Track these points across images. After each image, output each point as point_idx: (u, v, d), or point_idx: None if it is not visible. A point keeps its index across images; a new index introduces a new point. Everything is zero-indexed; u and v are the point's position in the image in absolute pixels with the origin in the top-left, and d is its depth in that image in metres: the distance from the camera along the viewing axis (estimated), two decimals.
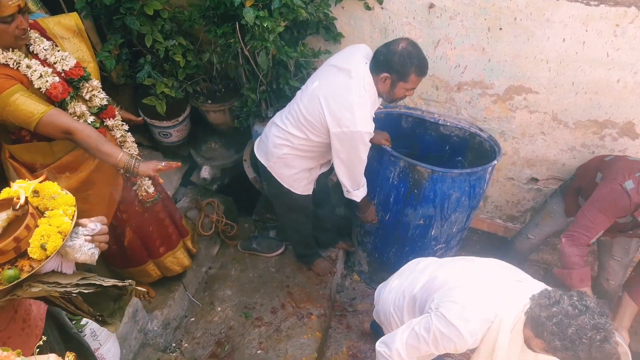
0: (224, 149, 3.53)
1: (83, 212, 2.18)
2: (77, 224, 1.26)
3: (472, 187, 2.68)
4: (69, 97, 2.01)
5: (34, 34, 1.98)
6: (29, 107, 1.85)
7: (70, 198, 1.27)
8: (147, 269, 2.69)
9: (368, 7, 2.68)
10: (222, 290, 3.09)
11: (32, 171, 2.13)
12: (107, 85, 2.26)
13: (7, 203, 1.24)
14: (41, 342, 1.34)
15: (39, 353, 1.10)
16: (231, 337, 2.84)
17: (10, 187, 1.28)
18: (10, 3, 1.75)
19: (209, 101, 3.20)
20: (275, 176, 2.58)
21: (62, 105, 2.00)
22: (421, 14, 2.64)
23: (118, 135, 2.28)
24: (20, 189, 1.24)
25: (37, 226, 1.18)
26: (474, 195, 2.72)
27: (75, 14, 2.20)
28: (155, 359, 2.63)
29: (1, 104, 1.83)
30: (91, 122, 2.11)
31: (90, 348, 1.96)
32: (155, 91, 2.90)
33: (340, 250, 3.36)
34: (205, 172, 3.42)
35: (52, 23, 2.11)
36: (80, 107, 2.06)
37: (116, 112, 2.27)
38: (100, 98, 2.16)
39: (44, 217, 1.21)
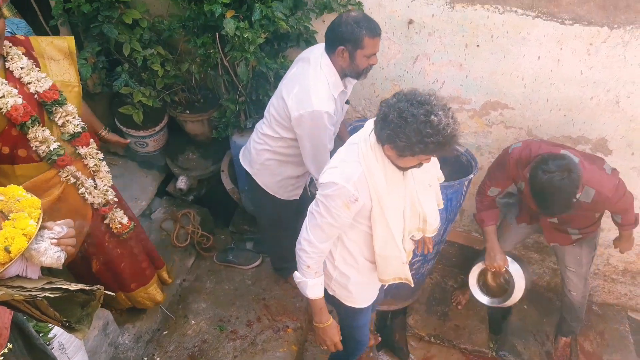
0: (201, 160, 3.50)
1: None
2: (42, 227, 1.23)
3: (449, 200, 2.70)
4: (30, 121, 1.90)
5: (15, 51, 1.91)
6: None
7: (36, 201, 1.24)
8: (119, 297, 2.60)
9: None
10: (197, 303, 3.04)
11: None
12: (83, 93, 2.20)
13: None
14: (6, 350, 1.29)
15: None
16: (205, 351, 2.78)
17: None
18: None
19: (187, 111, 3.18)
20: (260, 183, 2.57)
21: (22, 128, 1.90)
22: (400, 29, 2.68)
23: (91, 164, 2.17)
24: None
25: (1, 229, 1.15)
26: (451, 209, 2.75)
27: (71, 38, 2.13)
28: None
29: None
30: (54, 148, 2.00)
31: (55, 358, 1.89)
32: (132, 100, 2.86)
33: None
34: (182, 183, 3.38)
35: (45, 43, 2.05)
36: (42, 133, 1.94)
37: (90, 140, 2.16)
38: (75, 125, 2.06)
39: (8, 219, 1.18)
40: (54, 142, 2.00)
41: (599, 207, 2.38)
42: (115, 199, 2.31)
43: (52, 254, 1.20)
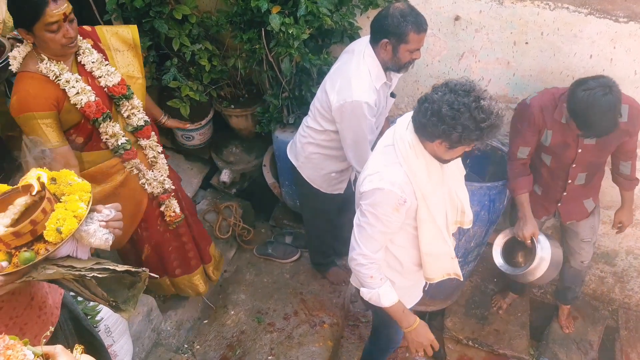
0: (244, 154, 3.56)
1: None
2: (92, 210, 1.29)
3: (491, 202, 2.64)
4: (102, 118, 2.03)
5: (85, 44, 2.01)
6: (44, 136, 1.92)
7: (87, 185, 1.30)
8: (162, 282, 2.70)
9: None
10: (236, 294, 3.10)
11: None
12: None
13: (26, 190, 1.28)
14: (51, 328, 1.36)
15: (55, 343, 1.11)
16: (243, 342, 2.84)
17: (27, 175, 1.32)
18: (55, 11, 1.77)
19: (232, 106, 3.24)
20: (304, 176, 2.59)
21: (94, 124, 2.04)
22: (446, 26, 2.64)
23: (150, 156, 2.29)
24: (37, 177, 1.27)
25: (53, 210, 1.21)
26: (493, 210, 2.69)
27: (134, 27, 2.21)
28: (167, 359, 2.64)
29: (23, 120, 1.91)
30: (122, 142, 2.12)
31: (103, 343, 1.98)
32: (180, 94, 2.95)
33: None
34: (225, 176, 3.45)
35: (110, 33, 2.15)
36: (112, 128, 2.08)
37: (152, 133, 2.27)
38: (139, 118, 2.18)
39: (60, 202, 1.24)
40: (122, 136, 2.12)
41: (631, 126, 2.30)
42: (173, 187, 2.41)
43: (100, 236, 1.26)
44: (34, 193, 1.23)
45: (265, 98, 3.08)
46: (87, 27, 2.11)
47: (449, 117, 1.60)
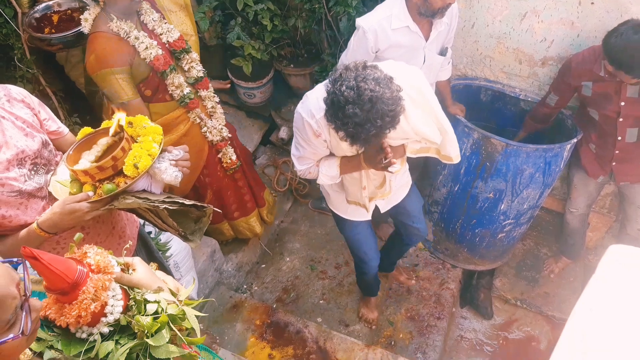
0: None
1: None
2: (163, 150, 1.46)
3: (547, 164, 2.63)
4: (169, 69, 2.22)
5: (145, 5, 2.19)
6: (120, 90, 2.12)
7: (158, 128, 1.47)
8: (222, 228, 2.94)
9: None
10: (292, 242, 3.30)
11: None
12: (200, 45, 2.45)
13: (106, 131, 1.47)
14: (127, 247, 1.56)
15: None
16: (297, 286, 3.05)
17: (108, 120, 1.51)
18: None
19: (292, 65, 3.36)
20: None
21: (162, 75, 2.23)
22: None
23: (209, 106, 2.48)
24: (117, 120, 1.45)
25: (131, 149, 1.39)
26: (548, 173, 2.68)
27: None
28: (228, 297, 2.89)
29: (101, 76, 2.10)
30: (187, 92, 2.31)
31: (171, 273, 2.22)
32: (243, 52, 3.10)
33: None
34: (283, 133, 3.61)
35: None
36: (178, 79, 2.27)
37: (209, 85, 2.45)
38: (198, 70, 2.36)
39: (136, 142, 1.43)
40: (186, 87, 2.31)
41: None
42: (229, 135, 2.61)
43: (170, 172, 1.44)
44: (114, 134, 1.42)
45: (323, 57, 3.17)
46: None
47: (330, 84, 1.62)
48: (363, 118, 1.52)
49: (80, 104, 3.12)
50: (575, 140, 2.57)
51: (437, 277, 3.19)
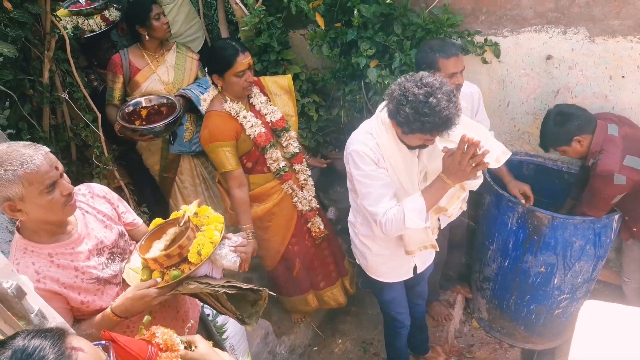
0: (347, 193, 3.82)
1: (261, 241, 2.79)
2: (224, 237, 1.61)
3: (597, 236, 2.61)
4: (269, 145, 2.54)
5: (255, 89, 2.56)
6: (225, 161, 2.43)
7: (220, 217, 1.63)
8: (307, 298, 3.07)
9: (485, 62, 2.84)
10: (343, 324, 3.32)
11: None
12: None
13: (175, 222, 1.64)
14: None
15: None
16: None
17: (176, 211, 1.69)
18: (244, 61, 2.34)
19: (337, 150, 3.56)
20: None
21: (262, 150, 2.54)
22: (539, 65, 2.73)
23: (302, 178, 2.76)
24: (184, 211, 1.63)
25: (195, 238, 1.55)
26: (599, 244, 2.64)
27: (289, 76, 2.75)
28: None
29: (211, 148, 2.43)
30: (282, 165, 2.60)
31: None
32: None
33: (458, 295, 3.39)
34: (331, 213, 3.74)
35: (270, 82, 2.69)
36: (276, 154, 2.58)
37: (304, 159, 2.74)
38: (294, 146, 2.67)
39: (200, 231, 1.58)
40: (282, 161, 2.60)
41: None
42: (318, 206, 2.83)
43: (230, 258, 1.58)
44: (181, 224, 1.58)
45: None
46: (254, 77, 2.62)
47: (397, 101, 1.74)
48: (445, 100, 1.68)
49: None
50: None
51: (495, 357, 3.09)
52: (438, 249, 2.24)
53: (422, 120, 1.70)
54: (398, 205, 1.94)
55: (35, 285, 1.40)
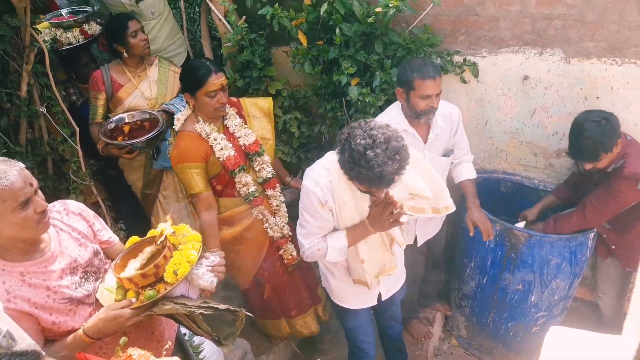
0: None
1: (232, 264, 2.71)
2: (201, 257, 1.59)
3: (572, 253, 2.65)
4: (238, 169, 2.49)
5: (231, 111, 2.52)
6: (194, 182, 2.40)
7: (198, 236, 1.61)
8: (280, 324, 3.02)
9: (464, 81, 2.89)
10: (322, 343, 3.28)
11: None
12: None
13: (151, 240, 1.62)
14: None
15: None
16: None
17: (154, 229, 1.67)
18: (216, 82, 2.31)
19: None
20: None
21: (232, 174, 2.49)
22: (516, 85, 2.78)
23: (274, 204, 2.71)
24: (161, 230, 1.61)
25: (172, 257, 1.53)
26: (575, 262, 2.68)
27: (270, 99, 2.72)
28: None
29: (180, 169, 2.40)
30: (252, 190, 2.55)
31: None
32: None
33: (437, 313, 3.40)
34: None
35: (250, 103, 2.66)
36: (245, 178, 2.53)
37: (277, 185, 2.70)
38: (267, 171, 2.62)
39: (177, 250, 1.56)
40: (252, 185, 2.55)
41: None
42: (290, 234, 2.76)
43: (207, 278, 1.56)
44: (158, 243, 1.56)
45: None
46: (234, 98, 2.62)
47: (342, 145, 1.77)
48: (384, 157, 1.68)
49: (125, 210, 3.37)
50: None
51: None
52: (370, 288, 2.24)
53: (356, 171, 1.74)
54: (323, 240, 2.07)
55: (5, 305, 1.36)
